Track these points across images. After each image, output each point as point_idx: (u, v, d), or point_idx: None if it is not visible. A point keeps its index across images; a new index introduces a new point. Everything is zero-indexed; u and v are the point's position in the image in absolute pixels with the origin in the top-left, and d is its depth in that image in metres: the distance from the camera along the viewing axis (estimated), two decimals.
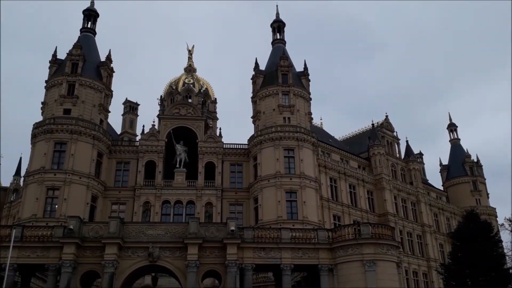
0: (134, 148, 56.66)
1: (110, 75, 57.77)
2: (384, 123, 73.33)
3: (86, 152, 51.33)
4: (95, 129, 52.67)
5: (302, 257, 33.27)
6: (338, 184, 61.36)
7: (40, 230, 32.74)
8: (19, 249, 30.66)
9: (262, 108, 57.71)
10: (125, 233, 32.29)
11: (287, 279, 32.79)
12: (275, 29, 64.31)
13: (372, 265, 31.57)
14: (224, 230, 33.03)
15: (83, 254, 31.47)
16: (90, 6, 60.99)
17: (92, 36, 60.02)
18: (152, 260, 31.77)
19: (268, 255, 32.99)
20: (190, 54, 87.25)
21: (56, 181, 48.98)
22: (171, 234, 32.96)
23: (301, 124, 56.38)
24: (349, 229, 34.14)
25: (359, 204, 62.43)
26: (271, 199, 51.78)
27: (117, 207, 53.30)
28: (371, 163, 67.58)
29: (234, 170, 57.52)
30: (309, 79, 60.35)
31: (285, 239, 33.43)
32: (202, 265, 31.92)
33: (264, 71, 60.49)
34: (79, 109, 52.70)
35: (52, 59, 55.99)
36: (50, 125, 51.01)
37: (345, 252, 32.69)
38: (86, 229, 32.36)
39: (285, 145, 54.42)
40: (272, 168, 53.19)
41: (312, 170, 54.86)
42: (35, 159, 50.70)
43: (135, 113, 76.91)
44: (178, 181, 54.95)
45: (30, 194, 48.97)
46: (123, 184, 54.72)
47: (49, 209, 48.18)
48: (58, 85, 53.59)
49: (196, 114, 58.72)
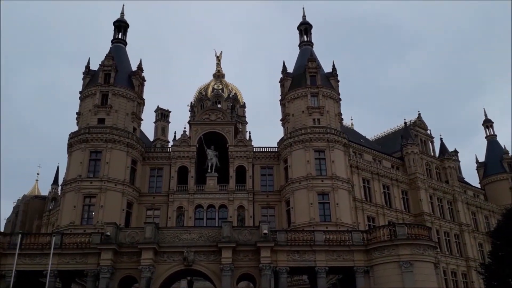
0: (167, 154, 57.57)
1: (142, 83, 58.99)
2: (417, 121, 71.90)
3: (121, 160, 52.51)
4: (129, 137, 53.83)
5: (336, 259, 32.96)
6: (371, 185, 60.50)
7: (78, 237, 33.66)
8: (59, 256, 31.60)
9: (291, 111, 57.58)
10: (160, 238, 32.79)
11: (322, 281, 32.53)
12: (302, 31, 64.14)
13: (409, 266, 30.98)
14: (257, 234, 33.08)
15: (120, 260, 32.13)
16: (120, 17, 62.50)
17: (123, 46, 61.47)
18: (187, 264, 32.14)
19: (302, 258, 32.84)
20: (218, 60, 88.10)
21: (93, 188, 50.28)
22: (205, 238, 33.26)
23: (331, 125, 55.91)
24: (384, 230, 33.61)
25: (393, 205, 61.34)
26: (303, 202, 51.51)
27: (152, 213, 54.23)
28: (405, 163, 66.33)
29: (264, 173, 57.58)
30: (338, 79, 59.84)
31: (319, 242, 33.19)
32: (236, 269, 32.05)
33: (292, 73, 60.38)
34: (112, 118, 54.00)
35: (86, 70, 57.67)
36: (85, 134, 52.45)
37: (381, 254, 32.18)
38: (123, 235, 33.04)
39: (316, 147, 54.08)
40: (303, 170, 52.93)
41: (344, 171, 54.28)
42: (72, 168, 52.21)
43: (167, 120, 78.22)
44: (210, 186, 55.47)
45: (68, 202, 50.43)
46: (157, 190, 55.66)
47: (87, 216, 49.47)
48: (92, 95, 55.10)
49: (225, 119, 59.19)
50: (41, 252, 31.65)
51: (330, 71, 60.21)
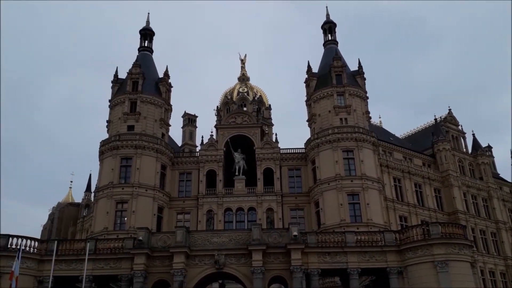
0: (195, 158, 58.14)
1: (169, 90, 59.82)
2: (447, 117, 70.33)
3: (151, 165, 53.34)
4: (158, 143, 54.65)
5: (369, 261, 32.50)
6: (402, 184, 59.45)
7: (111, 242, 34.30)
8: (93, 261, 32.26)
9: (317, 111, 57.19)
10: (191, 242, 33.09)
11: (355, 283, 32.12)
12: (326, 30, 63.66)
13: (444, 266, 30.24)
14: (287, 236, 32.96)
15: (153, 264, 32.59)
16: (146, 25, 63.53)
17: (150, 54, 62.46)
18: (219, 267, 32.31)
19: (333, 260, 32.52)
20: (243, 63, 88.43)
21: (124, 194, 51.24)
22: (235, 241, 33.37)
23: (359, 124, 55.24)
24: (417, 230, 32.96)
25: (426, 203, 60.12)
26: (332, 203, 51.03)
27: (182, 217, 54.84)
28: (437, 160, 64.94)
29: (292, 175, 57.35)
30: (364, 77, 59.09)
31: (350, 243, 32.81)
32: (267, 271, 32.01)
33: (317, 73, 60.00)
34: (141, 124, 54.96)
35: (114, 79, 58.89)
36: (116, 141, 53.52)
37: (415, 254, 31.55)
38: (155, 240, 33.50)
39: (344, 147, 53.51)
40: (332, 171, 52.44)
41: (374, 170, 53.49)
42: (104, 175, 53.37)
43: (194, 125, 79.04)
44: (238, 189, 55.67)
45: (100, 208, 51.55)
46: (186, 194, 56.28)
47: (119, 221, 50.45)
48: (121, 103, 56.24)
49: (251, 121, 59.36)
50: (76, 258, 32.42)
51: (356, 69, 59.53)
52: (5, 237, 31.98)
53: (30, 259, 31.87)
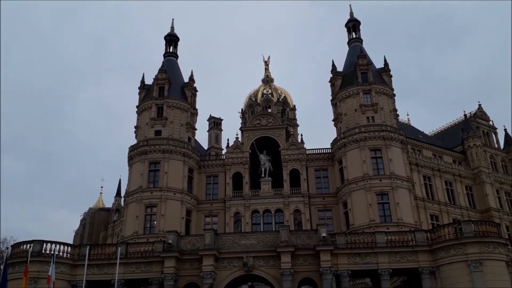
0: (221, 161, 58.48)
1: (194, 94, 60.43)
2: (477, 112, 68.56)
3: (178, 169, 53.95)
4: (185, 147, 55.24)
5: (400, 261, 32.00)
6: (432, 182, 58.25)
7: (142, 246, 34.83)
8: (124, 265, 32.81)
9: (343, 110, 56.65)
10: (220, 244, 33.27)
11: (386, 284, 31.66)
12: (350, 28, 63.08)
13: (478, 265, 29.48)
14: (315, 237, 32.74)
15: (182, 267, 32.90)
16: (171, 31, 64.38)
17: (175, 59, 63.25)
18: (247, 269, 32.35)
19: (363, 261, 32.14)
20: (266, 65, 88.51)
21: (153, 198, 51.97)
22: (263, 243, 33.37)
23: (387, 122, 54.41)
24: (449, 229, 32.29)
25: (457, 201, 58.71)
26: (361, 203, 50.39)
27: (210, 219, 55.23)
28: (467, 157, 63.37)
29: (319, 175, 56.95)
30: (390, 74, 58.20)
31: (381, 243, 32.36)
32: (296, 273, 31.88)
33: (342, 72, 59.46)
34: (168, 129, 55.68)
35: (141, 85, 59.88)
36: (144, 146, 54.38)
37: (447, 253, 30.89)
38: (184, 243, 33.84)
39: (371, 146, 52.80)
40: (359, 171, 51.82)
41: (403, 169, 52.58)
42: (133, 179, 54.28)
43: (219, 128, 79.52)
44: (264, 191, 55.67)
45: (130, 212, 52.42)
46: (213, 196, 56.66)
47: (149, 225, 51.18)
48: (148, 109, 57.13)
49: (276, 123, 59.28)
50: (108, 262, 33.04)
51: (382, 67, 58.72)
52: (39, 243, 32.86)
53: (64, 264, 32.66)
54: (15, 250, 33.86)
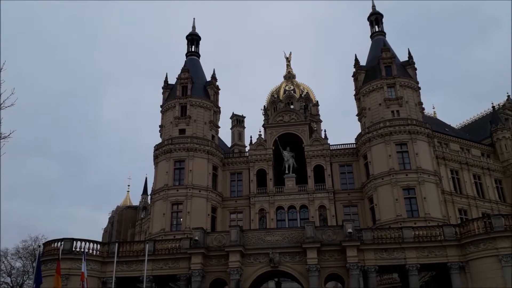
0: (245, 158, 58.74)
1: (217, 92, 60.82)
2: (506, 104, 66.90)
3: (202, 167, 54.48)
4: (208, 145, 55.72)
5: (428, 256, 31.53)
6: (460, 176, 57.12)
7: (169, 243, 35.28)
8: (153, 262, 33.32)
9: (367, 104, 56.04)
10: (245, 241, 33.44)
11: (414, 279, 31.25)
12: (373, 22, 62.30)
13: (509, 259, 28.80)
14: (341, 233, 32.56)
15: (209, 263, 33.22)
16: (192, 31, 64.88)
17: (197, 58, 63.76)
18: (273, 265, 32.44)
19: (390, 256, 31.80)
20: (288, 61, 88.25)
21: (179, 196, 52.63)
22: (289, 240, 33.37)
23: (412, 115, 53.59)
24: (478, 223, 31.60)
25: (486, 195, 57.41)
26: (387, 198, 49.83)
27: (235, 216, 55.61)
28: (496, 149, 61.91)
29: (344, 171, 56.59)
30: (415, 67, 57.27)
31: (408, 238, 31.95)
32: (322, 269, 31.78)
33: (365, 66, 58.82)
34: (192, 128, 56.24)
35: (164, 85, 60.64)
36: (169, 145, 55.08)
37: (477, 248, 30.26)
38: (210, 239, 34.15)
39: (397, 140, 52.12)
40: (385, 165, 51.23)
41: (430, 163, 51.73)
42: (159, 177, 55.07)
43: (242, 126, 79.79)
44: (289, 187, 55.65)
45: (157, 210, 53.21)
46: (238, 193, 57.01)
47: (175, 222, 51.89)
48: (172, 108, 57.81)
49: (299, 119, 59.11)
50: (136, 259, 33.61)
51: (406, 60, 57.83)
52: (70, 241, 33.65)
53: (94, 261, 33.35)
54: (47, 248, 34.76)
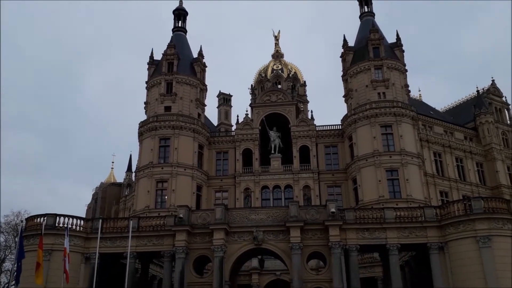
0: (231, 138, 58.70)
1: (203, 70, 60.23)
2: (490, 88, 67.70)
3: (188, 145, 54.33)
4: (194, 123, 55.44)
5: (409, 236, 32.10)
6: (443, 158, 58.04)
7: (153, 220, 35.29)
8: (137, 239, 33.35)
9: (354, 86, 56.17)
10: (230, 219, 33.65)
11: (394, 258, 31.90)
12: (362, 2, 61.94)
13: (487, 241, 29.51)
14: (325, 212, 32.94)
15: (193, 241, 33.41)
16: (179, 5, 63.77)
17: (184, 34, 62.86)
18: (257, 243, 32.78)
19: (372, 236, 32.32)
20: (276, 40, 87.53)
21: (164, 174, 52.56)
22: (273, 218, 33.66)
23: (398, 98, 53.94)
24: (458, 205, 32.18)
25: (468, 178, 58.55)
26: (370, 179, 50.49)
27: (220, 195, 55.88)
28: (479, 133, 62.93)
29: (329, 152, 57.03)
30: (403, 49, 57.39)
31: (389, 219, 32.45)
32: (305, 247, 32.23)
33: (353, 47, 58.71)
34: (178, 105, 55.81)
35: (150, 60, 59.77)
36: (154, 122, 54.68)
37: (456, 229, 30.89)
38: (195, 217, 34.26)
39: (382, 122, 52.54)
40: (369, 147, 51.73)
41: (413, 145, 52.39)
42: (143, 155, 54.81)
43: (229, 104, 79.36)
44: (274, 167, 55.94)
45: (142, 187, 53.14)
46: (223, 172, 57.18)
47: (160, 200, 51.99)
48: (157, 84, 57.16)
49: (286, 99, 59.06)
50: (120, 235, 33.59)
51: (394, 41, 57.87)
52: (53, 216, 33.43)
53: (77, 237, 33.24)
54: (29, 223, 34.52)
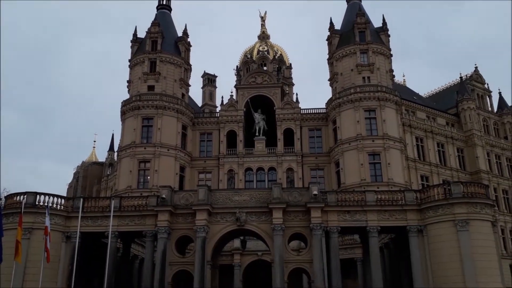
0: (215, 119, 58.36)
1: (188, 49, 59.41)
2: (473, 75, 68.40)
3: (172, 126, 53.86)
4: (178, 103, 54.88)
5: (389, 219, 32.57)
6: (424, 143, 58.78)
7: (135, 200, 35.12)
8: (118, 218, 33.16)
9: (340, 70, 56.17)
10: (213, 200, 33.66)
11: (374, 240, 32.41)
12: None
13: (464, 225, 30.15)
14: (307, 195, 33.17)
15: (176, 221, 33.39)
16: None
17: (168, 12, 61.76)
18: (240, 224, 32.94)
19: (353, 218, 32.72)
20: (263, 21, 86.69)
21: (147, 154, 52.15)
22: (256, 200, 33.78)
23: (382, 82, 54.17)
24: (438, 189, 32.72)
25: (448, 163, 59.53)
26: (353, 163, 50.95)
27: (204, 176, 55.78)
28: (461, 119, 63.78)
29: (313, 135, 57.22)
30: (388, 34, 57.44)
31: (370, 202, 32.85)
32: (287, 229, 32.51)
33: (339, 30, 58.52)
34: (161, 84, 55.09)
35: (133, 38, 58.67)
36: (137, 101, 53.95)
37: (435, 213, 31.44)
38: (177, 198, 34.17)
39: (366, 106, 52.80)
40: (353, 131, 52.06)
41: (396, 130, 52.89)
42: (126, 134, 54.20)
43: (214, 85, 78.74)
44: (258, 149, 55.95)
45: (124, 167, 52.67)
46: (207, 154, 57.00)
47: (142, 180, 51.65)
48: (140, 63, 56.24)
49: (272, 81, 58.79)
50: (102, 214, 33.37)
51: (380, 26, 57.85)
52: (33, 195, 32.97)
53: (58, 216, 32.89)
54: (9, 201, 34.02)
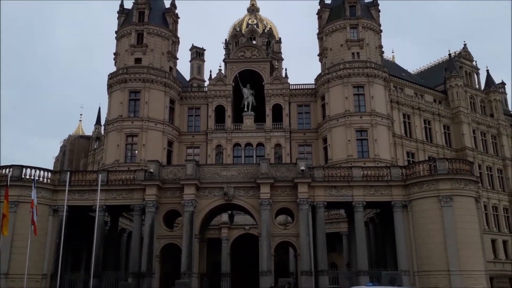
0: (203, 93, 57.91)
1: (176, 21, 58.38)
2: (462, 52, 68.48)
3: (159, 99, 53.35)
4: (166, 77, 54.23)
5: (374, 194, 33.10)
6: (411, 120, 59.17)
7: (123, 174, 35.11)
8: (106, 192, 33.20)
9: (329, 45, 55.80)
10: (201, 175, 33.78)
11: (360, 215, 32.99)
12: None
13: (449, 200, 30.77)
14: (294, 170, 33.45)
15: (164, 195, 33.53)
16: None
17: None
18: (228, 199, 33.21)
19: (339, 193, 33.17)
20: None
21: (134, 128, 51.77)
22: (244, 175, 33.99)
23: (371, 58, 54.04)
24: (424, 165, 33.22)
25: (434, 140, 60.13)
26: (340, 139, 51.23)
27: (192, 151, 55.69)
28: (448, 96, 64.15)
29: (301, 111, 57.20)
30: (379, 9, 57.02)
31: (357, 177, 33.27)
32: (274, 203, 32.89)
33: (330, 4, 57.93)
34: (149, 57, 54.27)
35: (120, 9, 57.39)
36: (124, 74, 53.18)
37: (420, 188, 32.00)
38: (165, 172, 34.21)
39: (355, 82, 52.77)
40: (341, 107, 52.15)
41: (384, 106, 53.10)
42: (113, 108, 53.61)
43: (202, 59, 77.71)
44: (247, 125, 55.88)
45: (111, 141, 52.31)
46: (195, 129, 56.77)
47: (130, 154, 51.43)
48: (127, 35, 55.20)
49: (261, 55, 58.26)
50: (89, 188, 33.36)
51: (371, 1, 57.31)
52: (19, 168, 32.72)
53: (45, 189, 32.80)
54: None
